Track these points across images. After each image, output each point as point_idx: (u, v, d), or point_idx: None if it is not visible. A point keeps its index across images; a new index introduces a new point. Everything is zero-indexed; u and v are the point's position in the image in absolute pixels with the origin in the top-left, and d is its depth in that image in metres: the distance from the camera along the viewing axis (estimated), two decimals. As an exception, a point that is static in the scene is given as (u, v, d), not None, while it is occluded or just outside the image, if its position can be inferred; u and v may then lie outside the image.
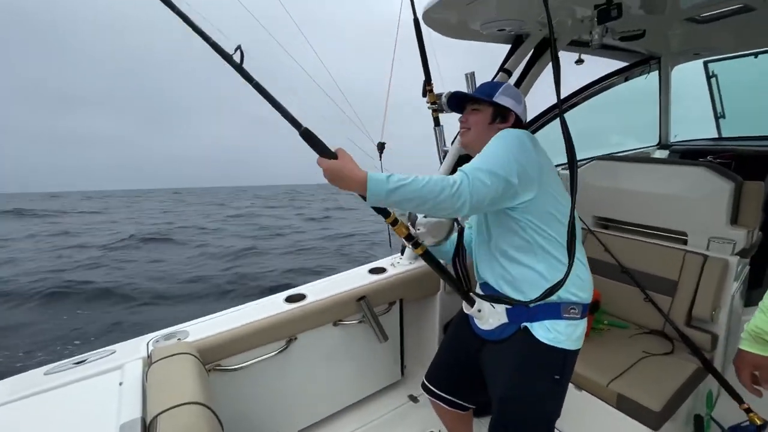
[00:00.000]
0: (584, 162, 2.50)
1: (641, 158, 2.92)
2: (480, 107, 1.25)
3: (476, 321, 1.27)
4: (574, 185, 1.03)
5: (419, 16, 1.69)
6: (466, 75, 2.03)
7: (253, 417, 1.67)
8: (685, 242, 1.98)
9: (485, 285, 1.28)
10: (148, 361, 1.30)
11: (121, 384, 1.21)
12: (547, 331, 1.13)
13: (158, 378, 1.18)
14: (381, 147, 1.73)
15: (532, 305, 1.10)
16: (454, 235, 1.29)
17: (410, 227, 1.22)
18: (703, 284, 1.82)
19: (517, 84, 2.06)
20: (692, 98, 3.45)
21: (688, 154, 3.11)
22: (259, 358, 1.59)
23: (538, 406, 1.19)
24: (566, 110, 2.67)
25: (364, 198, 0.99)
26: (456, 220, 1.25)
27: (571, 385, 1.65)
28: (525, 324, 1.16)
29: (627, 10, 1.66)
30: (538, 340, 1.13)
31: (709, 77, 3.18)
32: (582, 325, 1.16)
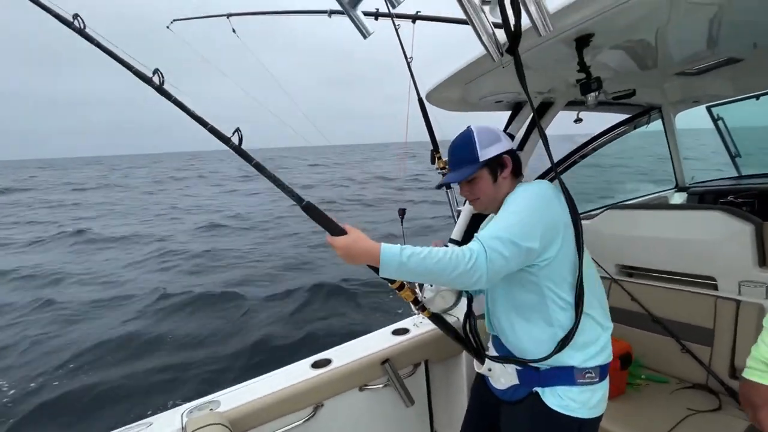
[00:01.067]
0: (598, 211, 2.54)
1: (657, 205, 2.92)
2: (475, 175, 1.18)
3: (490, 380, 1.26)
4: (581, 242, 1.07)
5: (423, 96, 1.89)
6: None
7: None
8: (714, 287, 1.93)
9: (496, 339, 1.26)
10: None
11: None
12: (559, 398, 1.07)
13: None
14: (402, 213, 1.79)
15: (543, 368, 1.08)
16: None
17: (417, 291, 1.24)
18: (741, 331, 1.74)
19: (521, 145, 2.20)
20: (705, 135, 3.49)
21: (707, 196, 3.09)
22: (287, 427, 1.60)
23: None
24: (576, 163, 2.76)
25: (376, 270, 0.99)
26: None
27: None
28: (536, 389, 1.11)
29: (614, 73, 1.80)
30: (550, 408, 1.07)
31: (715, 120, 3.24)
32: (602, 389, 1.09)
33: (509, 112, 2.17)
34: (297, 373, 1.72)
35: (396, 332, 2.02)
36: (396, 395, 1.84)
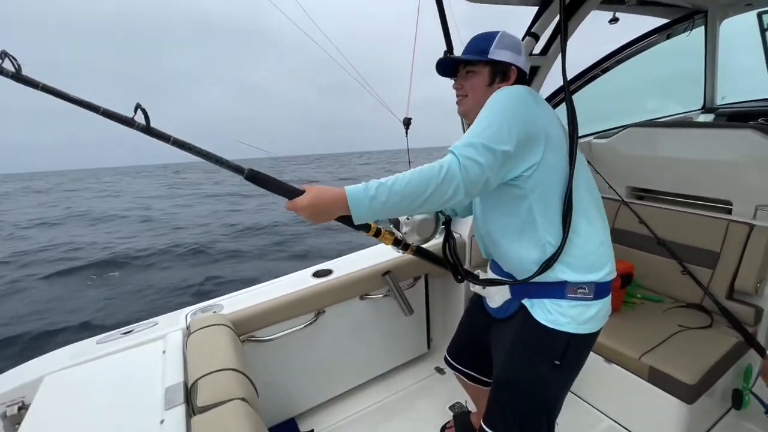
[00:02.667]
0: (617, 129, 2.37)
1: (682, 123, 2.72)
2: (475, 68, 1.10)
3: (486, 300, 1.26)
4: (573, 159, 0.99)
5: None
6: None
7: (284, 386, 1.76)
8: (729, 212, 1.87)
9: (491, 261, 1.25)
10: (188, 332, 1.39)
11: (164, 352, 1.31)
12: (547, 312, 1.04)
13: (197, 346, 1.26)
14: (407, 123, 1.67)
15: (534, 282, 1.04)
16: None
17: (395, 231, 1.19)
18: (749, 255, 1.71)
19: (545, 50, 1.95)
20: (745, 54, 3.14)
21: (736, 117, 2.87)
22: (290, 330, 1.66)
23: (532, 392, 1.09)
24: (598, 76, 2.52)
25: (349, 221, 0.91)
26: (441, 211, 1.21)
27: (600, 359, 1.64)
28: (524, 302, 1.09)
29: None
30: (537, 321, 1.05)
31: (763, 30, 2.87)
32: (596, 306, 1.03)
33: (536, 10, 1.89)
34: (299, 282, 1.74)
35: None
36: (396, 305, 1.89)
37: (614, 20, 1.82)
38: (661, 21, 2.53)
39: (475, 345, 1.37)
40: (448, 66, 1.16)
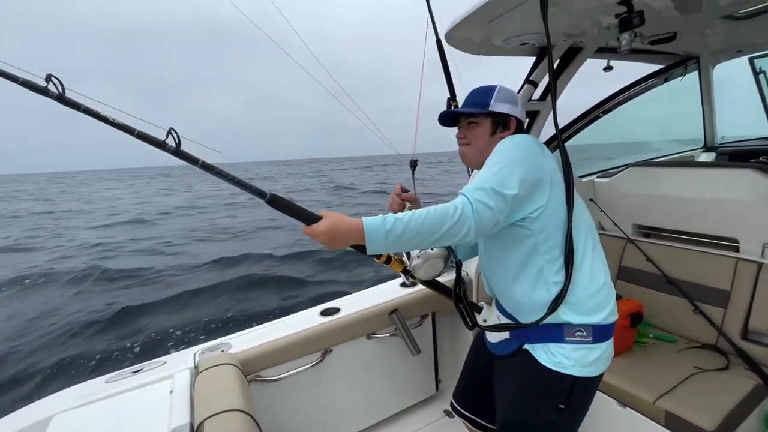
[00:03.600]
0: (620, 169, 2.43)
1: (683, 162, 2.78)
2: (477, 120, 1.16)
3: (485, 334, 1.27)
4: (571, 199, 1.04)
5: (441, 37, 1.74)
6: None
7: (290, 428, 1.72)
8: (736, 249, 1.87)
9: (496, 300, 1.25)
10: (195, 371, 1.40)
11: (171, 392, 1.31)
12: (550, 354, 1.04)
13: (204, 386, 1.27)
14: (413, 164, 1.67)
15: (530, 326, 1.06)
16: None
17: (405, 260, 1.22)
18: (760, 294, 1.69)
19: (544, 95, 2.06)
20: (741, 93, 3.25)
21: (737, 156, 2.92)
22: (297, 370, 1.66)
23: None
24: (598, 118, 2.61)
25: (362, 249, 0.94)
26: (451, 251, 1.23)
27: (614, 402, 1.59)
28: (525, 345, 1.10)
29: (656, 13, 1.63)
30: (540, 364, 1.05)
31: (756, 74, 2.99)
32: (600, 348, 1.04)
33: (533, 59, 2.01)
34: (306, 320, 1.75)
35: (404, 285, 2.03)
36: (403, 344, 1.88)
37: (608, 68, 1.92)
38: (656, 66, 2.66)
39: (479, 385, 1.35)
40: (450, 118, 1.23)
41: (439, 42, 1.77)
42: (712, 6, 1.72)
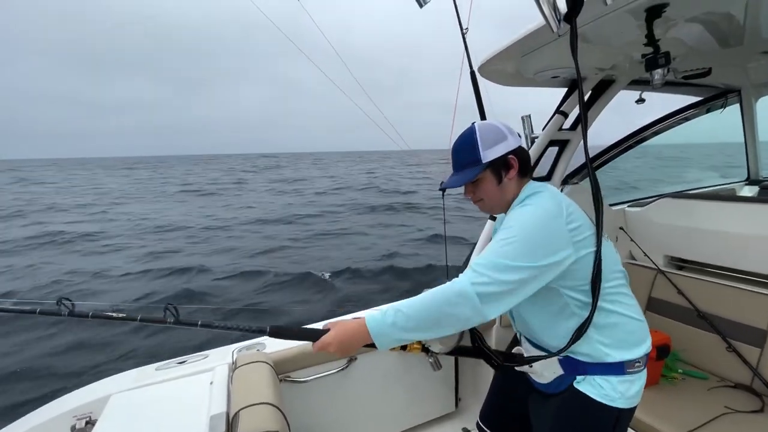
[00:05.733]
0: (652, 198, 2.41)
1: (723, 195, 2.70)
2: (477, 177, 1.10)
3: (531, 376, 1.21)
4: (599, 236, 1.00)
5: (475, 69, 1.85)
6: (522, 118, 2.14)
7: (313, 428, 1.81)
8: None
9: (524, 337, 1.24)
10: (233, 366, 1.53)
11: (211, 383, 1.44)
12: (598, 387, 1.03)
13: (240, 381, 1.39)
14: (445, 189, 1.73)
15: (586, 361, 1.05)
16: None
17: (422, 342, 1.23)
18: None
19: (574, 125, 2.11)
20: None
21: None
22: (323, 374, 1.75)
23: None
24: (633, 146, 2.60)
25: (375, 347, 0.96)
26: None
27: None
28: (579, 377, 1.07)
29: (689, 50, 1.64)
30: (588, 396, 1.03)
31: None
32: (640, 380, 1.06)
33: (565, 90, 2.08)
34: None
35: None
36: (425, 359, 1.93)
37: (641, 101, 1.95)
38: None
39: (511, 413, 1.34)
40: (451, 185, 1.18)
41: (472, 73, 1.88)
42: (754, 40, 1.66)
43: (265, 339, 1.79)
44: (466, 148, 1.10)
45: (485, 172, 1.09)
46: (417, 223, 12.08)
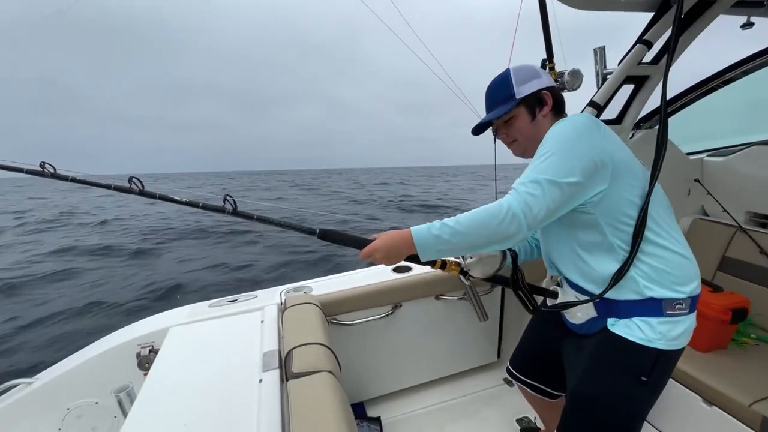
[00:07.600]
0: (740, 147, 2.11)
1: None
2: (511, 113, 1.10)
3: (565, 315, 1.21)
4: (656, 174, 0.97)
5: None
6: (595, 50, 1.87)
7: (358, 371, 1.87)
8: None
9: (565, 278, 1.18)
10: (283, 307, 1.55)
11: (262, 322, 1.48)
12: (635, 328, 1.00)
13: (291, 321, 1.41)
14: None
15: (621, 300, 1.01)
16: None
17: (461, 260, 1.23)
18: None
19: (656, 59, 1.82)
20: None
21: None
22: (369, 318, 1.77)
23: (615, 407, 1.05)
24: (718, 87, 2.24)
25: (417, 259, 0.98)
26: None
27: (698, 399, 1.49)
28: (614, 320, 1.05)
29: None
30: (624, 338, 1.01)
31: None
32: (687, 321, 1.00)
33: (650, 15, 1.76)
34: (380, 274, 1.84)
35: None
36: (470, 308, 1.89)
37: (748, 25, 1.63)
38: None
39: (543, 356, 1.34)
40: (484, 127, 1.17)
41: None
42: None
43: (312, 282, 1.81)
44: (500, 85, 1.11)
45: (519, 108, 1.09)
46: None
